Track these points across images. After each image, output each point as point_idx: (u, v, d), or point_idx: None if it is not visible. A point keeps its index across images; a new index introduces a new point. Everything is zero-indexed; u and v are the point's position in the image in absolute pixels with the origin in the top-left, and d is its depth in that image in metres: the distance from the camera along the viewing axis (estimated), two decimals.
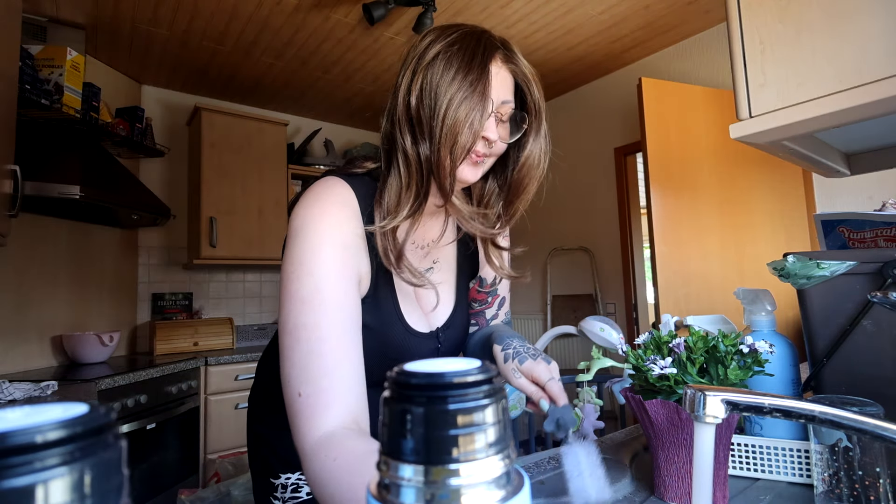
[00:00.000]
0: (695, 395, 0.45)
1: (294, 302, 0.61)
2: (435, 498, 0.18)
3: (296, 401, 0.58)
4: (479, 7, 2.45)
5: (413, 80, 0.67)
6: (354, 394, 0.60)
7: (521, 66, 0.71)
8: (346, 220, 0.68)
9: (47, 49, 2.25)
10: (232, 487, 1.84)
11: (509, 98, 0.70)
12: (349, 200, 0.69)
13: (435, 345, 0.78)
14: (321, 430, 0.56)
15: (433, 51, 0.67)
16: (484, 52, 0.67)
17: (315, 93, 3.41)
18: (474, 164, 0.69)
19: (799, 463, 0.68)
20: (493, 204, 0.79)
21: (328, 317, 0.61)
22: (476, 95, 0.64)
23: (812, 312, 0.71)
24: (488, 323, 0.93)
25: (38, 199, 2.09)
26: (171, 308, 3.13)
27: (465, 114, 0.64)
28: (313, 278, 0.62)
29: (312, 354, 0.59)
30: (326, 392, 0.58)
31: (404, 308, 0.75)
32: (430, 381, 0.19)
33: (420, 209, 0.70)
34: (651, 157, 2.31)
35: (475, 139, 0.66)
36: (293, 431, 0.59)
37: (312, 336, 0.60)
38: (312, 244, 0.64)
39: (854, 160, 1.02)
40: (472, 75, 0.65)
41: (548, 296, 3.54)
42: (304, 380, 0.58)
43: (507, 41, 0.72)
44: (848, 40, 0.65)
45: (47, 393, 1.67)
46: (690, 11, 2.57)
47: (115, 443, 0.15)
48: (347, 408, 0.58)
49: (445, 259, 0.83)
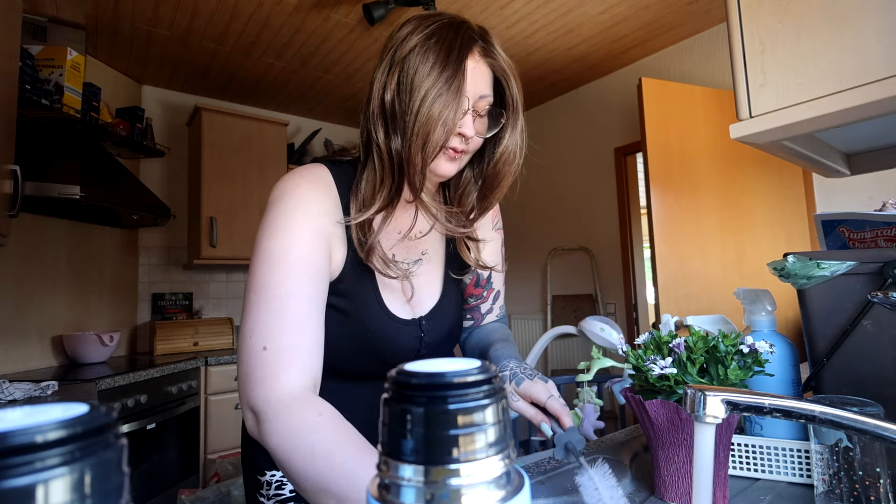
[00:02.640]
0: (695, 395, 0.45)
1: (263, 261, 0.63)
2: (435, 498, 0.18)
3: (258, 354, 0.59)
4: (479, 7, 2.45)
5: (390, 73, 0.67)
6: (315, 356, 0.62)
7: (499, 61, 0.69)
8: (322, 196, 0.69)
9: (47, 49, 2.25)
10: (232, 487, 1.85)
11: (487, 92, 0.69)
12: (328, 182, 0.71)
13: (418, 333, 0.77)
14: (288, 386, 0.57)
15: (410, 43, 0.66)
16: (461, 46, 0.66)
17: (315, 93, 3.41)
18: (451, 159, 0.69)
19: (799, 463, 0.68)
20: (468, 192, 0.79)
21: (296, 276, 0.62)
22: (451, 93, 0.64)
23: (812, 312, 0.71)
24: (483, 317, 0.93)
25: (38, 199, 2.09)
26: (172, 308, 3.13)
27: (439, 111, 0.63)
28: (282, 239, 0.64)
29: (280, 310, 0.60)
30: (293, 349, 0.59)
31: (384, 293, 0.74)
32: (430, 381, 0.19)
33: (393, 203, 0.70)
34: (651, 157, 2.31)
35: (448, 136, 0.65)
36: (249, 385, 0.59)
37: (280, 293, 0.61)
38: (287, 209, 0.66)
39: (854, 160, 1.02)
40: (448, 71, 0.64)
41: (548, 296, 3.54)
42: (269, 336, 0.59)
43: (487, 32, 0.71)
44: (848, 40, 0.65)
45: (47, 393, 1.67)
46: (690, 11, 2.57)
47: (116, 443, 0.15)
48: (311, 369, 0.60)
49: (435, 250, 0.83)
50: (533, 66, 3.09)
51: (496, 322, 0.94)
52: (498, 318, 0.95)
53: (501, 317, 0.96)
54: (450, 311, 0.83)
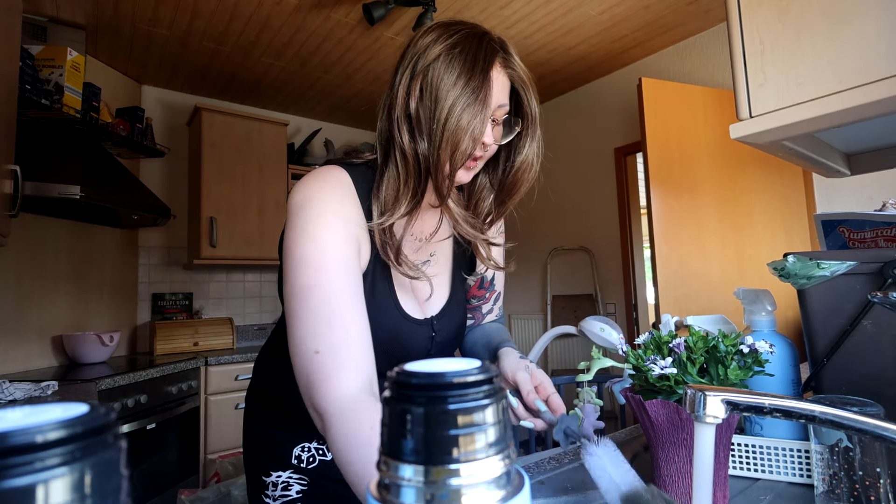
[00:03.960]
0: (695, 395, 0.45)
1: (300, 265, 0.62)
2: (435, 498, 0.18)
3: (312, 359, 0.58)
4: (479, 7, 2.45)
5: (413, 80, 0.68)
6: (367, 355, 0.60)
7: (518, 71, 0.71)
8: (347, 198, 0.69)
9: (47, 49, 2.25)
10: (232, 487, 1.85)
11: (505, 101, 0.71)
12: (349, 185, 0.71)
13: (429, 332, 0.79)
14: (344, 389, 0.56)
15: (434, 51, 0.67)
16: (486, 57, 0.67)
17: (315, 93, 3.41)
18: (468, 168, 0.71)
19: (799, 463, 0.68)
20: (484, 198, 0.80)
21: (337, 277, 0.62)
22: (478, 104, 0.65)
23: (812, 312, 0.71)
24: (484, 317, 0.95)
25: (38, 199, 2.09)
26: (172, 308, 3.13)
27: (468, 121, 0.64)
28: (318, 241, 0.63)
29: (325, 313, 0.59)
30: (344, 349, 0.58)
31: (400, 294, 0.76)
32: (430, 381, 0.19)
33: (417, 206, 0.71)
34: (651, 157, 2.31)
35: (475, 146, 0.67)
36: (310, 390, 0.58)
37: (323, 295, 0.60)
38: (316, 213, 0.65)
39: (854, 160, 1.02)
40: (475, 82, 0.65)
41: (548, 296, 3.54)
42: (320, 338, 0.58)
43: (506, 43, 0.72)
44: (848, 40, 0.65)
45: (47, 393, 1.67)
46: (690, 11, 2.57)
47: (115, 443, 0.15)
48: (364, 368, 0.59)
49: (442, 252, 0.84)
50: (533, 66, 3.09)
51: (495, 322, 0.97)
52: (497, 318, 0.97)
53: (500, 317, 0.98)
54: (458, 311, 0.84)
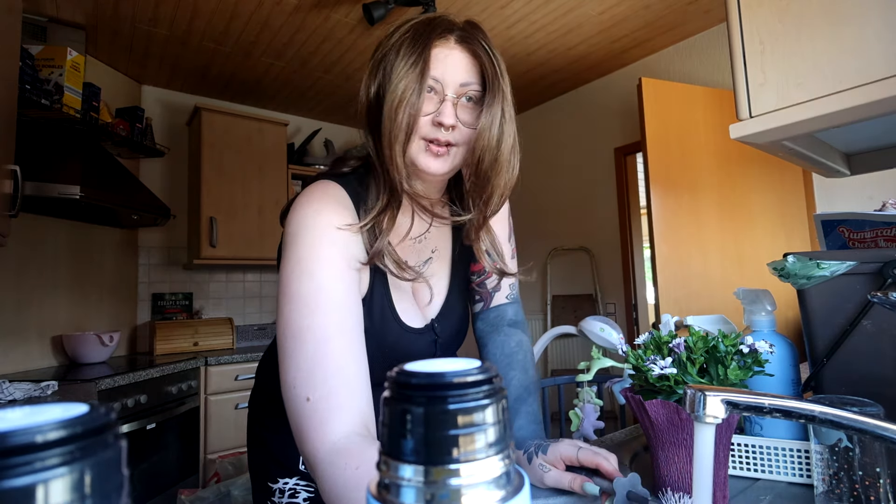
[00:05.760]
0: (695, 395, 0.45)
1: (295, 303, 0.60)
2: (435, 498, 0.18)
3: (303, 406, 0.56)
4: (480, 7, 2.45)
5: (370, 77, 0.68)
6: (362, 396, 0.58)
7: (476, 47, 0.67)
8: (344, 216, 0.67)
9: (47, 49, 2.25)
10: (232, 487, 1.84)
11: (468, 80, 0.66)
12: (343, 200, 0.69)
13: (432, 338, 0.77)
14: (333, 435, 0.54)
15: (390, 42, 0.67)
16: (429, 33, 0.65)
17: (315, 93, 3.41)
18: (436, 155, 0.66)
19: (799, 463, 0.68)
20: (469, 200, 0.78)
21: (332, 317, 0.59)
22: (413, 75, 0.62)
23: (812, 312, 0.71)
24: (492, 295, 0.89)
25: (38, 199, 2.09)
26: (172, 308, 3.13)
27: (401, 93, 0.62)
28: (315, 279, 0.60)
29: (318, 357, 0.57)
30: (336, 395, 0.56)
31: (399, 306, 0.74)
32: (430, 381, 0.19)
33: (390, 205, 0.69)
34: (651, 157, 2.31)
35: (413, 120, 0.63)
36: (301, 437, 0.56)
37: (317, 337, 0.58)
38: (312, 244, 0.62)
39: (854, 160, 1.02)
40: (413, 57, 0.63)
41: (548, 296, 3.54)
42: (312, 384, 0.56)
43: (474, 24, 0.69)
44: (848, 41, 0.65)
45: (47, 393, 1.67)
46: (690, 11, 2.57)
47: (115, 443, 0.15)
48: (357, 411, 0.57)
49: (443, 246, 0.82)
50: (533, 66, 3.09)
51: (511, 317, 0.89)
52: (509, 299, 0.91)
53: (514, 298, 0.92)
54: (458, 307, 0.83)
